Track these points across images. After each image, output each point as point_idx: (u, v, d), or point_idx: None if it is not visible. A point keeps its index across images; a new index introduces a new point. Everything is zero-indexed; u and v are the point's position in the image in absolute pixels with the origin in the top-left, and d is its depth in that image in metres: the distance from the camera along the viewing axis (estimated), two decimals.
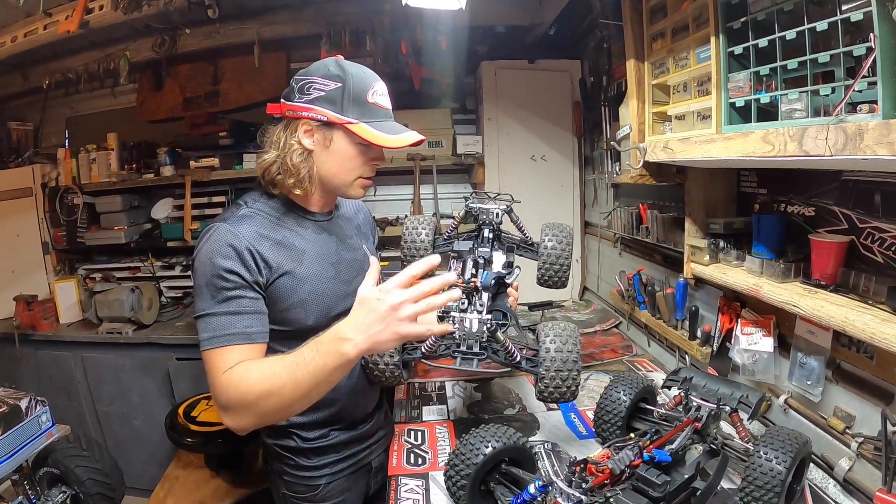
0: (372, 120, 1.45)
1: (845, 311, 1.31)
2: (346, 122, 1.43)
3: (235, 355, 1.34)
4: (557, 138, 3.52)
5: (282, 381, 1.27)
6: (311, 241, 1.55)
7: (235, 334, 1.36)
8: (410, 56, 3.42)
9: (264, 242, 1.43)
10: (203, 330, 1.36)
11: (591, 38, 3.25)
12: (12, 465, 2.08)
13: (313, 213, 1.59)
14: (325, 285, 1.53)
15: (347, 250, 1.65)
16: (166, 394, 3.32)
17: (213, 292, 1.36)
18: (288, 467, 1.65)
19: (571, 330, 1.54)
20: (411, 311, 1.21)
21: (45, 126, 4.22)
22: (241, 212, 1.47)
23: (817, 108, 1.23)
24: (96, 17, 3.21)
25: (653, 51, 1.94)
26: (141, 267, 3.88)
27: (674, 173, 2.02)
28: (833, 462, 1.49)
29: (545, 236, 1.79)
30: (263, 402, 1.29)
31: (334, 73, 1.43)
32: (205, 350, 1.36)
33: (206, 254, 1.37)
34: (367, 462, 1.77)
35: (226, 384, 1.31)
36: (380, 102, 1.48)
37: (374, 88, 1.47)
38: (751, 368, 1.80)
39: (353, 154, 1.48)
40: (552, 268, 1.75)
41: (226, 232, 1.39)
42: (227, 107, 3.83)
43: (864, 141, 1.01)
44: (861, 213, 1.45)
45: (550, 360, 1.47)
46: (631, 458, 1.26)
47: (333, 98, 1.42)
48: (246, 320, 1.38)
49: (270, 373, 1.29)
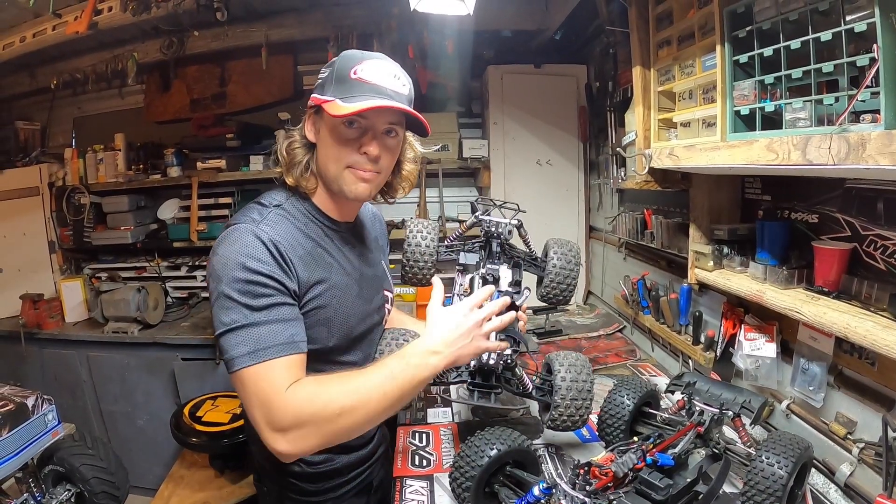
0: (348, 95, 1.27)
1: (847, 318, 1.32)
2: (322, 101, 1.29)
3: (284, 370, 1.19)
4: (563, 143, 3.54)
5: (368, 394, 1.20)
6: (335, 254, 1.42)
7: (283, 345, 1.20)
8: (417, 60, 3.43)
9: (297, 250, 1.31)
10: (238, 344, 1.18)
11: (596, 44, 3.27)
12: (18, 462, 2.09)
13: (336, 223, 1.45)
14: (349, 304, 1.42)
15: (368, 266, 1.53)
16: (171, 393, 3.33)
17: (249, 300, 1.20)
18: (289, 492, 1.53)
19: (584, 360, 1.57)
20: (490, 328, 1.34)
21: (53, 126, 4.26)
22: (271, 214, 1.34)
23: (821, 117, 1.24)
24: (105, 18, 3.24)
25: (659, 58, 1.95)
26: (147, 267, 3.90)
27: (679, 179, 2.03)
28: (834, 467, 1.50)
29: (552, 253, 1.73)
30: (344, 418, 1.18)
31: (332, 60, 1.35)
32: (245, 367, 1.17)
33: (234, 257, 1.21)
34: (370, 482, 1.68)
35: (291, 400, 1.16)
36: (364, 77, 1.29)
37: (360, 64, 1.30)
38: (754, 374, 1.81)
39: (334, 138, 1.33)
40: (558, 287, 1.72)
41: (258, 232, 1.25)
42: (234, 109, 3.85)
43: (866, 150, 1.02)
44: (864, 221, 1.46)
45: (566, 388, 1.49)
46: (634, 462, 1.27)
47: (324, 82, 1.33)
48: (291, 328, 1.24)
49: (354, 386, 1.20)
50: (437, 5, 2.12)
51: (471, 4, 2.10)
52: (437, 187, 3.66)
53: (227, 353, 1.19)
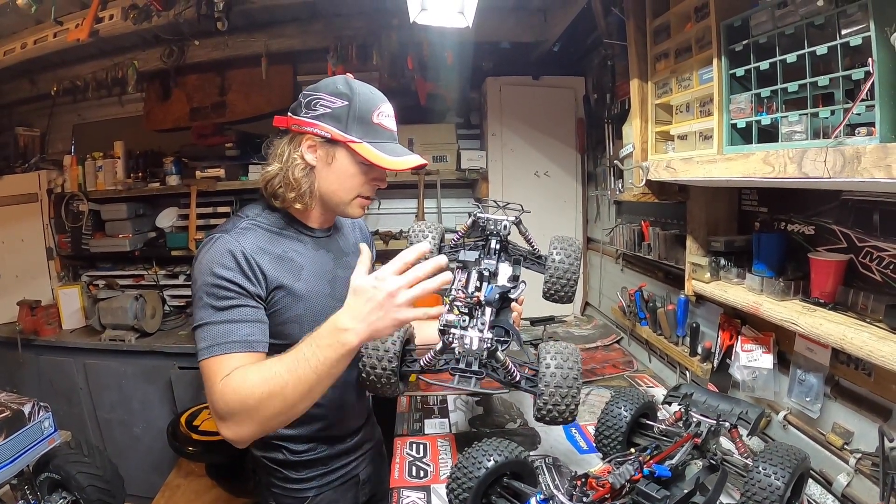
0: (375, 140, 1.45)
1: (843, 329, 1.32)
2: (350, 141, 1.43)
3: (234, 363, 1.31)
4: (561, 154, 3.55)
5: (283, 380, 1.23)
6: (308, 256, 1.55)
7: (235, 342, 1.33)
8: (416, 71, 3.45)
9: (264, 256, 1.43)
10: (202, 339, 1.34)
11: (594, 56, 3.28)
12: (14, 469, 2.08)
13: (312, 229, 1.59)
14: (320, 302, 1.52)
15: (343, 268, 1.62)
16: (168, 402, 3.32)
17: (213, 301, 1.35)
18: (276, 479, 1.65)
19: (572, 349, 1.54)
20: (408, 297, 1.22)
21: (52, 132, 4.27)
22: (243, 224, 1.47)
23: (817, 130, 1.25)
24: (106, 26, 3.26)
25: (656, 71, 1.97)
26: (145, 275, 3.90)
27: (676, 192, 2.05)
28: (831, 477, 1.50)
29: (553, 249, 1.75)
30: (265, 405, 1.25)
31: (342, 91, 1.44)
32: (203, 359, 1.33)
33: (206, 263, 1.37)
34: (355, 475, 1.75)
35: (223, 391, 1.27)
36: (384, 123, 1.48)
37: (380, 109, 1.47)
38: (751, 385, 1.81)
39: (353, 172, 1.48)
40: (559, 282, 1.71)
41: (227, 242, 1.39)
42: (233, 118, 3.87)
43: (861, 164, 1.03)
44: (860, 233, 1.47)
45: (550, 375, 1.45)
46: (631, 473, 1.27)
47: (339, 116, 1.43)
48: (246, 328, 1.36)
49: (271, 374, 1.25)
50: (436, 18, 2.13)
51: (470, 17, 2.11)
52: (436, 198, 3.68)
53: (196, 346, 1.36)
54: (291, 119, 1.49)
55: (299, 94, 1.50)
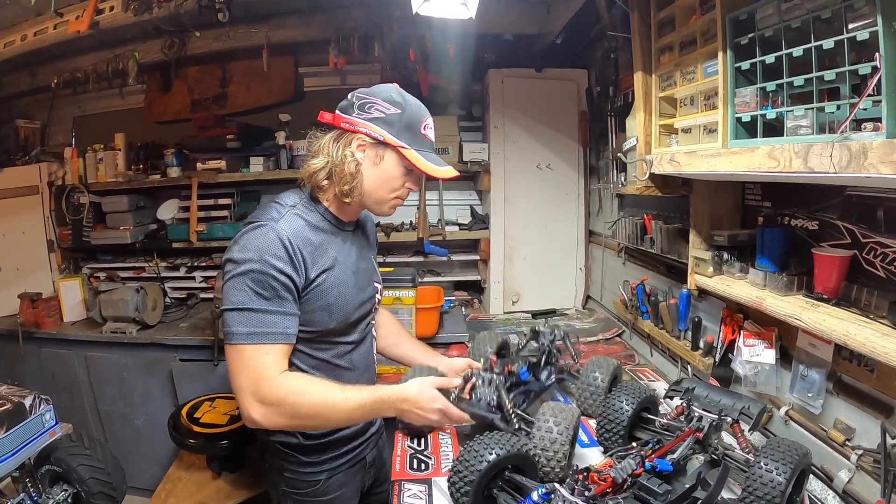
0: (420, 149, 1.58)
1: (847, 325, 1.32)
2: (400, 146, 1.55)
3: (275, 355, 1.45)
4: (563, 147, 3.53)
5: (338, 413, 1.52)
6: (340, 249, 1.64)
7: (278, 333, 1.45)
8: (418, 63, 3.44)
9: (307, 246, 1.51)
10: (240, 323, 1.42)
11: (598, 48, 3.27)
12: (15, 462, 2.09)
13: (343, 223, 1.68)
14: (347, 292, 1.63)
15: (363, 260, 1.75)
16: (169, 394, 3.32)
17: (260, 288, 1.42)
18: (289, 463, 1.70)
19: (571, 413, 1.55)
20: (436, 420, 1.72)
21: (53, 125, 4.25)
22: (287, 213, 1.53)
23: (822, 125, 1.25)
24: (107, 17, 3.24)
25: (660, 64, 1.96)
26: (146, 267, 3.89)
27: (679, 185, 2.04)
28: (833, 474, 1.50)
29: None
30: (309, 420, 1.52)
31: (396, 100, 1.56)
32: (240, 343, 1.42)
33: (257, 249, 1.42)
34: (363, 457, 1.83)
35: (283, 385, 1.44)
36: (429, 135, 1.63)
37: (426, 121, 1.61)
38: (752, 380, 1.81)
39: (397, 175, 1.61)
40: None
41: (279, 231, 1.46)
42: (234, 109, 3.86)
43: (867, 159, 1.02)
44: (864, 228, 1.47)
45: (539, 438, 1.50)
46: (633, 467, 1.27)
47: (392, 121, 1.54)
48: (287, 321, 1.47)
49: (333, 401, 1.50)
50: (439, 9, 2.12)
51: (473, 8, 2.10)
52: (437, 190, 3.67)
53: (230, 327, 1.43)
54: (341, 117, 1.57)
55: (350, 96, 1.59)
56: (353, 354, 1.72)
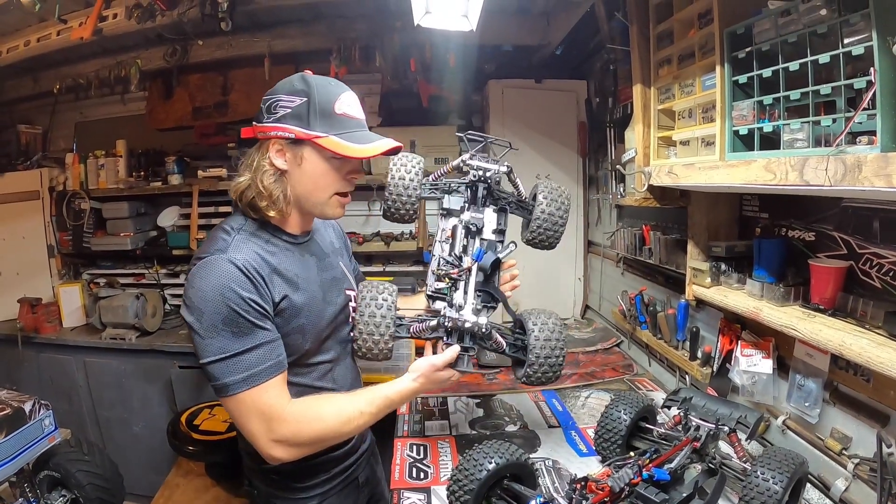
0: (342, 131, 1.40)
1: (843, 335, 1.33)
2: (314, 137, 1.38)
3: (273, 389, 1.33)
4: (562, 157, 3.55)
5: (357, 427, 1.44)
6: (299, 265, 1.49)
7: (271, 366, 1.33)
8: (419, 73, 3.46)
9: (265, 268, 1.37)
10: (231, 372, 1.28)
11: (597, 60, 3.29)
12: (14, 467, 2.09)
13: (295, 236, 1.52)
14: (317, 308, 1.50)
15: (326, 270, 1.59)
16: (167, 401, 3.32)
17: (235, 328, 1.28)
18: (277, 490, 1.57)
19: (556, 319, 1.56)
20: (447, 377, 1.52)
21: (54, 130, 4.28)
22: (233, 239, 1.38)
23: (818, 138, 1.26)
24: (110, 25, 3.27)
25: (659, 76, 1.98)
26: (146, 274, 3.90)
27: (678, 197, 2.05)
28: (829, 482, 1.51)
29: (541, 197, 1.68)
30: (329, 441, 1.44)
31: (299, 89, 1.39)
32: (240, 392, 1.29)
33: (214, 288, 1.27)
34: (355, 477, 1.70)
35: (293, 419, 1.35)
36: (349, 112, 1.43)
37: (340, 99, 1.41)
38: (750, 389, 1.82)
39: (325, 169, 1.43)
40: (544, 233, 1.65)
41: (230, 261, 1.31)
42: (235, 117, 3.86)
43: (862, 173, 1.04)
44: (860, 239, 1.48)
45: (541, 347, 1.49)
46: (630, 477, 1.28)
47: (299, 113, 1.38)
48: (273, 349, 1.35)
49: (348, 416, 1.41)
50: (440, 21, 2.14)
51: (474, 21, 2.12)
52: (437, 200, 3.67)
53: (219, 380, 1.29)
54: (256, 127, 1.43)
55: (261, 101, 1.45)
56: (334, 372, 1.60)
